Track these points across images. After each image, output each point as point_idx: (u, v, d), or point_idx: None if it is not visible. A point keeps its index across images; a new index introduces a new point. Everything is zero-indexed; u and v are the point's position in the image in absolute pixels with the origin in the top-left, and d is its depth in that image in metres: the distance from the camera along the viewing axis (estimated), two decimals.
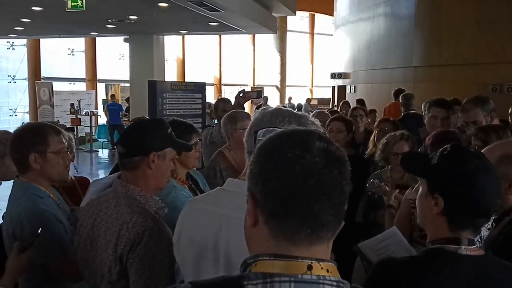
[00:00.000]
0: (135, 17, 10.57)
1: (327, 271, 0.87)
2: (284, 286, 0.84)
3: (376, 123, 4.57)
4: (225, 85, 21.87)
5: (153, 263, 1.66)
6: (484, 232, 2.06)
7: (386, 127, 4.22)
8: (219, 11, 9.28)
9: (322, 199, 0.86)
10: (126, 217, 1.72)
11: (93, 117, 15.23)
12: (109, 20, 11.05)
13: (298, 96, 20.17)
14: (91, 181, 2.62)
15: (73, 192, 2.62)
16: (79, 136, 15.15)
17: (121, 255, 1.68)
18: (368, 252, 2.06)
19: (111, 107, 14.56)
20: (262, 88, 19.78)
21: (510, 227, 1.70)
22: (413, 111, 5.81)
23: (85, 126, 15.06)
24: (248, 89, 21.40)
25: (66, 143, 2.24)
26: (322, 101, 17.72)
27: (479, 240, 2.10)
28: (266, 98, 14.85)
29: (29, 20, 10.89)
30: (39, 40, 17.00)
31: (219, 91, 21.47)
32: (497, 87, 8.43)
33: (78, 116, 14.73)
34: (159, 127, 1.92)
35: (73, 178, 2.68)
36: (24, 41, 16.95)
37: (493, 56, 8.54)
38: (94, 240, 1.79)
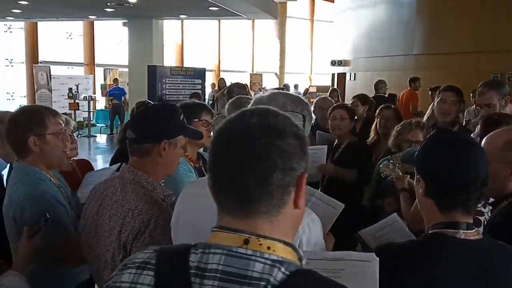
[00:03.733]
0: (134, 1, 10.46)
1: (268, 248, 0.86)
2: (215, 258, 0.86)
3: (377, 110, 4.55)
4: (224, 71, 21.74)
5: None
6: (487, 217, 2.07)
7: (388, 114, 4.22)
8: None
9: (243, 169, 0.87)
10: (132, 204, 1.68)
11: (91, 102, 15.13)
12: (108, 4, 10.93)
13: (299, 83, 20.06)
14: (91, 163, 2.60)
15: (73, 176, 2.59)
16: (77, 121, 15.11)
17: (125, 243, 1.65)
18: (369, 239, 2.05)
19: (113, 92, 14.47)
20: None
21: (506, 209, 1.71)
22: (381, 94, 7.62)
23: (83, 111, 14.99)
24: (247, 75, 21.34)
25: (63, 125, 2.21)
26: (321, 89, 17.64)
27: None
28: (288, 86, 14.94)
29: (26, 3, 10.76)
30: (36, 24, 16.83)
31: (218, 77, 21.40)
32: (498, 76, 8.42)
33: (76, 101, 14.65)
34: (172, 114, 1.88)
35: (71, 162, 2.65)
36: (21, 24, 16.80)
37: (494, 45, 8.50)
38: (98, 225, 1.76)
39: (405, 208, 2.70)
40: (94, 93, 16.93)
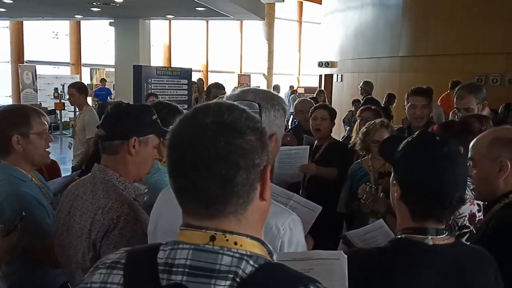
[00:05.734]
0: (120, 0, 10.38)
1: (235, 243, 0.86)
2: (183, 253, 0.85)
3: (358, 112, 4.57)
4: (212, 72, 21.69)
5: None
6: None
7: (368, 116, 4.23)
8: None
9: (204, 172, 0.84)
10: (102, 202, 1.68)
11: None
12: (94, 3, 10.84)
13: (285, 84, 20.08)
14: (59, 165, 2.59)
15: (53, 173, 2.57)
16: (63, 121, 14.97)
17: (95, 241, 1.64)
18: (356, 241, 2.06)
19: (99, 92, 14.33)
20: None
21: (501, 213, 1.67)
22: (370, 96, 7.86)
23: (69, 111, 14.86)
24: (235, 77, 21.32)
25: (47, 125, 2.22)
26: (309, 90, 17.68)
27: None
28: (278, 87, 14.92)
29: (11, 1, 10.63)
30: (22, 23, 16.65)
31: (206, 77, 21.33)
32: (483, 78, 8.48)
33: (62, 101, 14.52)
34: (143, 112, 1.89)
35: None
36: (7, 23, 16.60)
37: (479, 47, 8.57)
38: (70, 226, 1.75)
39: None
40: None
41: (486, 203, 1.84)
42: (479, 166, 1.72)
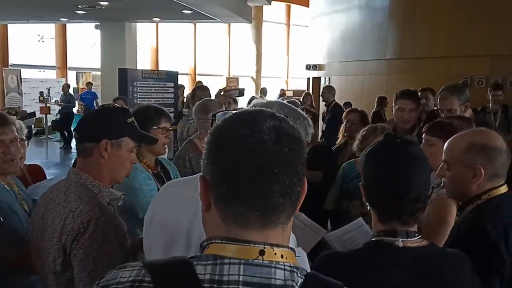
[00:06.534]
0: (106, 3, 10.30)
1: (282, 256, 0.84)
2: (233, 268, 0.81)
3: (344, 114, 4.59)
4: (200, 75, 21.64)
5: (99, 255, 1.57)
6: None
7: (354, 118, 4.24)
8: None
9: (271, 179, 0.81)
10: (73, 206, 1.65)
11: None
12: (79, 6, 10.74)
13: (273, 87, 20.08)
14: (43, 168, 2.54)
15: (23, 181, 2.51)
16: (48, 125, 14.81)
17: (65, 245, 1.61)
18: (334, 243, 2.05)
19: (84, 95, 14.19)
20: (243, 88, 19.67)
21: (472, 214, 1.69)
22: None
23: (54, 115, 14.71)
24: (223, 81, 21.28)
25: (10, 137, 2.15)
26: (297, 93, 17.69)
27: None
28: (265, 90, 14.89)
29: None
30: (6, 26, 16.49)
31: (194, 81, 21.27)
32: (468, 80, 8.54)
33: (48, 105, 14.39)
34: (116, 114, 1.86)
35: (22, 167, 2.57)
36: None
37: (465, 50, 8.63)
38: (44, 229, 1.72)
39: None
40: None
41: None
42: (453, 170, 1.74)
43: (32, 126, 15.21)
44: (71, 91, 16.92)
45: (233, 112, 0.94)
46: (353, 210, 3.15)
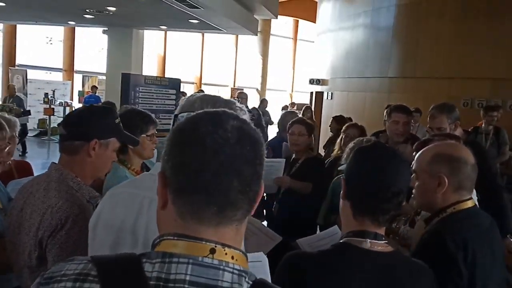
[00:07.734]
0: (114, 9, 10.43)
1: (232, 258, 0.84)
2: (181, 267, 0.80)
3: (343, 128, 4.64)
4: (205, 84, 21.75)
5: (74, 252, 1.58)
6: None
7: (353, 133, 4.28)
8: (199, 8, 9.21)
9: (233, 175, 0.83)
10: (52, 202, 1.66)
11: (67, 108, 14.94)
12: (87, 10, 10.87)
13: (277, 100, 20.16)
14: (32, 165, 2.56)
15: (9, 175, 2.54)
16: (51, 126, 14.89)
17: (41, 240, 1.63)
18: (306, 248, 2.05)
19: (88, 99, 14.28)
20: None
21: (436, 226, 1.71)
22: None
23: (58, 117, 14.78)
24: (227, 90, 21.37)
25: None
26: (299, 106, 17.76)
27: None
28: (265, 101, 14.93)
29: (3, 4, 10.63)
30: (15, 26, 16.64)
31: (199, 90, 21.36)
32: (468, 102, 8.57)
33: (52, 106, 14.45)
34: (106, 115, 1.88)
35: (9, 162, 2.61)
36: (0, 26, 16.59)
37: (465, 72, 8.67)
38: (21, 223, 1.73)
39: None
40: (72, 99, 16.72)
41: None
42: (420, 179, 1.79)
43: (36, 126, 15.35)
44: (76, 93, 17.08)
45: (196, 112, 0.96)
46: (339, 223, 3.17)
